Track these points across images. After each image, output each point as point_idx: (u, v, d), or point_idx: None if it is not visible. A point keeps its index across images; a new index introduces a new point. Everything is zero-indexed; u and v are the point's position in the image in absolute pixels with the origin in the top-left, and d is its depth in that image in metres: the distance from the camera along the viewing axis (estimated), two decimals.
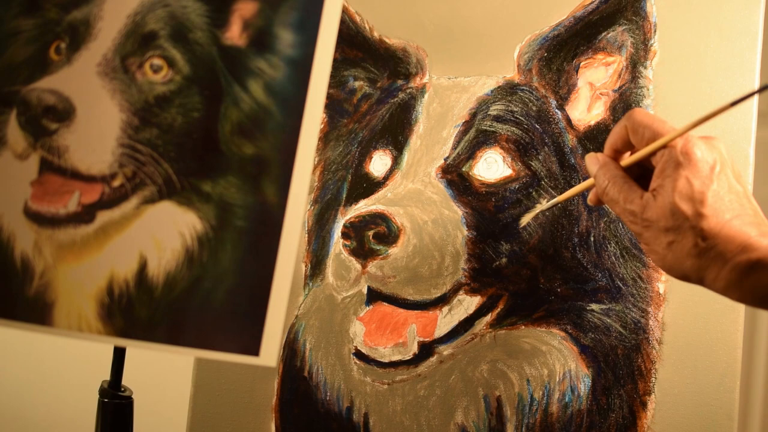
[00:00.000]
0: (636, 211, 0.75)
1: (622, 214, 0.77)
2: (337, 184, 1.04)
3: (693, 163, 0.72)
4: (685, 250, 0.72)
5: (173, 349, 0.72)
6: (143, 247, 0.73)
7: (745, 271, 0.69)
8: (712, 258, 0.71)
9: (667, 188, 0.72)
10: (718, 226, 0.71)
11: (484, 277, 0.95)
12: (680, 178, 0.72)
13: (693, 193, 0.71)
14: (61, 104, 0.73)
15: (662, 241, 0.73)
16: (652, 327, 0.90)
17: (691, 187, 0.72)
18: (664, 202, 0.72)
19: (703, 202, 0.71)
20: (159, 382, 1.39)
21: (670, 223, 0.72)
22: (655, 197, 0.74)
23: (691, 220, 0.71)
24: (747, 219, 0.71)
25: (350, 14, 1.06)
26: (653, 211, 0.73)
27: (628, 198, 0.76)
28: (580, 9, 0.96)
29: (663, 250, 0.73)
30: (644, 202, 0.74)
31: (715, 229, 0.71)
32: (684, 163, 0.72)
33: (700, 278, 0.72)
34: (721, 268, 0.70)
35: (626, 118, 0.78)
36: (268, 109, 0.74)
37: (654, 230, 0.74)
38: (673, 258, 0.73)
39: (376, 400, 0.98)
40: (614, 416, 0.90)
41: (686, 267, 0.72)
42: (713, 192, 0.72)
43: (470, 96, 0.99)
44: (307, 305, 1.03)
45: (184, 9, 0.76)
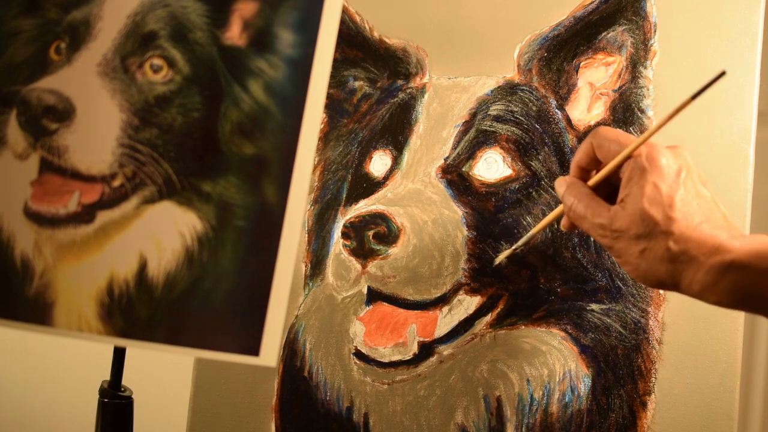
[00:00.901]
0: (605, 223, 0.75)
1: (591, 229, 0.77)
2: (337, 184, 1.04)
3: (659, 169, 0.72)
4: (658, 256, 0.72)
5: (173, 349, 0.72)
6: (143, 247, 0.73)
7: (720, 272, 0.69)
8: (685, 262, 0.71)
9: (636, 195, 0.72)
10: (689, 229, 0.71)
11: (484, 277, 0.95)
12: (647, 183, 0.72)
13: (661, 198, 0.71)
14: (61, 104, 0.73)
15: (634, 250, 0.73)
16: (652, 327, 0.90)
17: (659, 191, 0.72)
18: (633, 209, 0.72)
19: (672, 206, 0.71)
20: (159, 382, 1.39)
21: (640, 230, 0.72)
22: (623, 207, 0.74)
23: (662, 225, 0.71)
24: (716, 222, 0.71)
25: (350, 14, 1.06)
26: (623, 220, 0.73)
27: (595, 212, 0.76)
28: (580, 9, 0.96)
29: (636, 259, 0.73)
30: (612, 213, 0.74)
31: (686, 232, 0.71)
32: (650, 170, 0.72)
33: (675, 283, 0.72)
34: (696, 271, 0.70)
35: (591, 136, 0.78)
36: (268, 109, 0.74)
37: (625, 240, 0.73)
38: (647, 266, 0.73)
39: (376, 400, 0.98)
40: (614, 416, 0.90)
41: (660, 273, 0.72)
42: (681, 196, 0.72)
43: (470, 96, 0.99)
44: (307, 305, 1.03)
45: (184, 9, 0.76)
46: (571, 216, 0.79)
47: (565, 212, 0.80)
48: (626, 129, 0.93)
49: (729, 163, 0.90)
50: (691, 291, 0.72)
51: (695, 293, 0.72)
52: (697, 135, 0.91)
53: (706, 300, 0.71)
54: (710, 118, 0.91)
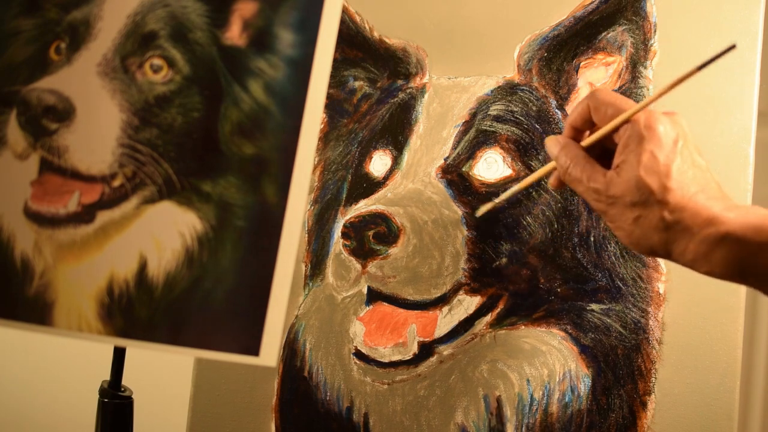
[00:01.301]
0: (600, 188, 0.75)
1: (585, 193, 0.77)
2: (337, 184, 1.04)
3: (656, 137, 0.72)
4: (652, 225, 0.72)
5: (173, 349, 0.72)
6: (143, 247, 0.73)
7: (713, 243, 0.70)
8: (679, 231, 0.71)
9: (632, 163, 0.73)
10: (684, 199, 0.71)
11: (484, 277, 0.95)
12: (644, 152, 0.72)
13: (658, 167, 0.72)
14: (61, 104, 0.73)
15: (628, 216, 0.73)
16: (652, 327, 0.90)
17: (656, 160, 0.72)
18: (629, 176, 0.72)
19: (669, 175, 0.71)
20: (159, 382, 1.39)
21: (636, 197, 0.72)
22: (619, 173, 0.74)
23: (657, 193, 0.71)
24: (711, 193, 0.72)
25: (350, 14, 1.06)
26: (618, 187, 0.73)
27: (591, 177, 0.76)
28: (580, 9, 0.96)
29: (629, 225, 0.74)
30: (608, 179, 0.74)
31: (681, 202, 0.71)
32: (648, 137, 0.72)
33: (668, 252, 0.73)
34: (689, 241, 0.71)
35: (588, 97, 0.78)
36: (268, 109, 0.74)
37: (619, 206, 0.74)
38: (640, 233, 0.73)
39: (376, 400, 0.98)
40: (614, 416, 0.90)
41: (653, 241, 0.73)
42: (677, 166, 0.72)
43: (470, 96, 0.99)
44: (307, 305, 1.03)
45: (184, 9, 0.76)
46: (566, 178, 0.79)
47: (560, 174, 0.79)
48: None
49: (729, 163, 0.90)
50: (683, 260, 0.72)
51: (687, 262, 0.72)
52: (697, 135, 0.91)
53: (698, 269, 0.72)
54: (710, 118, 0.91)
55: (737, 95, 0.90)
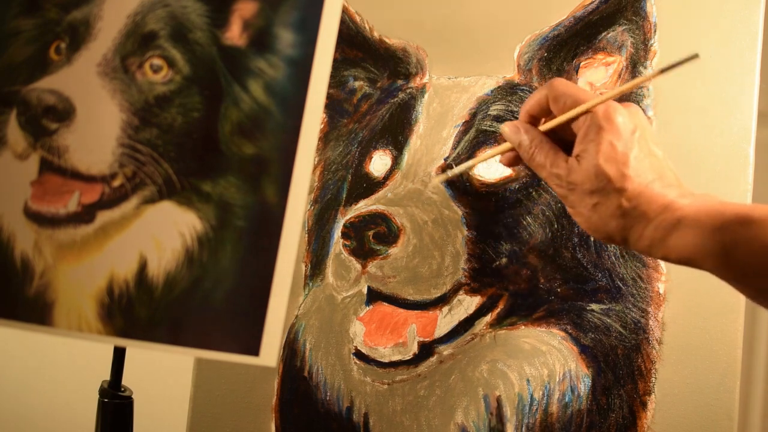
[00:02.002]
0: (561, 174, 0.77)
1: (548, 178, 0.79)
2: (337, 184, 1.04)
3: (615, 128, 0.75)
4: (610, 211, 0.75)
5: (173, 349, 0.72)
6: (143, 247, 0.73)
7: (668, 229, 0.72)
8: (635, 218, 0.74)
9: (591, 152, 0.75)
10: (641, 187, 0.74)
11: (484, 277, 0.95)
12: (603, 141, 0.74)
13: (616, 156, 0.74)
14: (61, 104, 0.73)
15: (587, 203, 0.76)
16: (652, 327, 0.90)
17: (615, 150, 0.74)
18: (588, 165, 0.75)
19: (626, 164, 0.74)
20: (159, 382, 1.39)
21: (594, 185, 0.75)
22: (579, 161, 0.76)
23: (615, 182, 0.74)
24: (667, 181, 0.75)
25: (350, 14, 1.06)
26: (578, 174, 0.76)
27: (554, 162, 0.78)
28: (580, 9, 0.96)
29: (588, 211, 0.76)
30: (569, 165, 0.77)
31: (637, 189, 0.73)
32: (606, 128, 0.75)
33: (624, 238, 0.75)
34: (645, 227, 0.73)
35: (547, 87, 0.80)
36: (268, 109, 0.74)
37: (579, 193, 0.76)
38: (598, 219, 0.76)
39: (376, 400, 0.98)
40: (614, 416, 0.90)
41: (610, 228, 0.75)
42: (635, 155, 0.74)
43: (470, 96, 0.99)
44: (307, 305, 1.03)
45: (184, 9, 0.76)
46: (530, 162, 0.81)
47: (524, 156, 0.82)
48: None
49: (729, 163, 0.90)
50: (640, 246, 0.75)
51: (643, 248, 0.74)
52: (697, 135, 0.91)
53: (654, 255, 0.74)
54: (710, 118, 0.91)
55: (737, 95, 0.90)
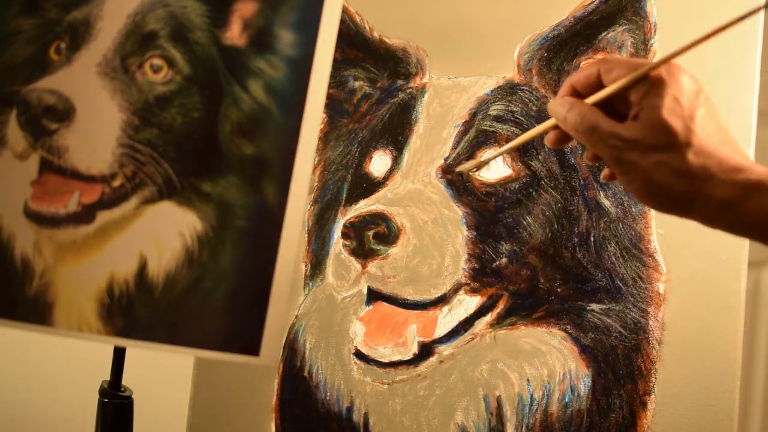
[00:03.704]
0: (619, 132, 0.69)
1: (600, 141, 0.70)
2: (337, 184, 1.04)
3: (679, 84, 0.68)
4: (674, 170, 0.67)
5: (173, 349, 0.72)
6: (143, 247, 0.73)
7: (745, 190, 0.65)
8: (704, 178, 0.67)
9: (653, 106, 0.67)
10: (710, 146, 0.67)
11: (484, 277, 0.95)
12: (667, 96, 0.67)
13: (682, 110, 0.67)
14: (61, 104, 0.73)
15: (649, 160, 0.68)
16: (652, 327, 0.90)
17: (679, 104, 0.67)
18: (650, 119, 0.67)
19: (693, 119, 0.67)
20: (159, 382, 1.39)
21: (658, 139, 0.67)
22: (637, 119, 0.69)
23: (681, 135, 0.67)
24: (735, 147, 0.68)
25: (350, 14, 1.06)
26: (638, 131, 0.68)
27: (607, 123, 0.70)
28: (580, 9, 0.96)
29: (647, 173, 0.68)
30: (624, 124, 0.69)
31: (706, 148, 0.67)
32: (669, 83, 0.68)
33: (689, 201, 0.68)
34: (716, 188, 0.66)
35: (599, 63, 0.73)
36: (268, 109, 0.74)
37: (639, 151, 0.68)
38: (661, 180, 0.68)
39: (376, 400, 0.98)
40: (614, 416, 0.90)
41: (674, 189, 0.68)
42: (701, 113, 0.68)
43: (470, 96, 0.99)
44: (307, 305, 1.03)
45: (184, 9, 0.76)
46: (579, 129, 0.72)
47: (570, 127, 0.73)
48: None
49: None
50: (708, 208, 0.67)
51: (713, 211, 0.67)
52: None
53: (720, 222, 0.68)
54: None
55: (737, 95, 0.90)
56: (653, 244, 0.92)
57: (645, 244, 0.92)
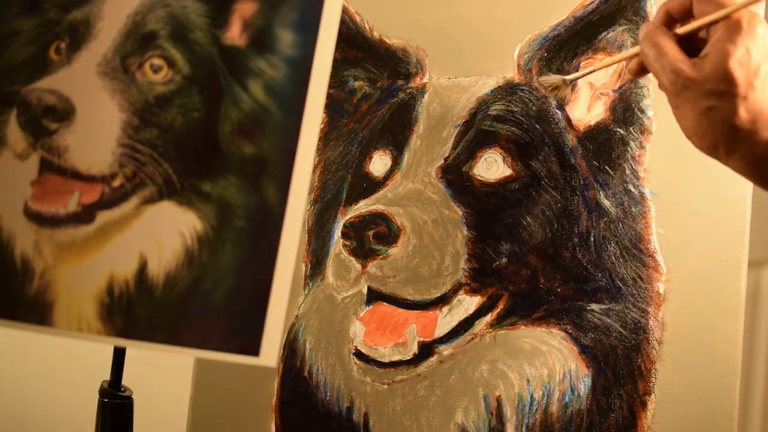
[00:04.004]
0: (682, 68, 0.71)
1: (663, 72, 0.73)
2: (337, 184, 1.04)
3: (755, 35, 0.70)
4: (724, 118, 0.70)
5: (173, 349, 0.72)
6: (143, 247, 0.73)
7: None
8: (749, 132, 0.70)
9: (724, 51, 0.70)
10: (764, 103, 0.70)
11: (484, 277, 0.95)
12: (740, 45, 0.70)
13: (750, 63, 0.69)
14: (61, 104, 0.73)
15: (701, 104, 0.71)
16: (652, 327, 0.90)
17: (750, 57, 0.70)
18: (716, 64, 0.70)
19: (757, 74, 0.70)
20: (159, 382, 1.39)
21: (716, 86, 0.70)
22: (704, 60, 0.71)
23: (741, 87, 0.69)
24: None
25: (350, 14, 1.06)
26: (701, 72, 0.71)
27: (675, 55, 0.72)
28: (580, 9, 0.96)
29: (699, 115, 0.71)
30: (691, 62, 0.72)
31: (760, 104, 0.69)
32: (747, 32, 0.70)
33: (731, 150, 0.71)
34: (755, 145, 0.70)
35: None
36: (268, 109, 0.74)
37: (695, 91, 0.71)
38: (708, 125, 0.71)
39: (376, 400, 0.98)
40: (614, 416, 0.90)
41: (719, 136, 0.71)
42: (765, 69, 0.70)
43: (470, 96, 0.99)
44: (307, 305, 1.03)
45: (184, 9, 0.76)
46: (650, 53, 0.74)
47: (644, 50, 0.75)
48: (626, 129, 0.93)
49: None
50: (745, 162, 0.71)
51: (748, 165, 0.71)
52: None
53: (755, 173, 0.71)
54: None
55: None
56: (653, 244, 0.92)
57: (645, 244, 0.92)
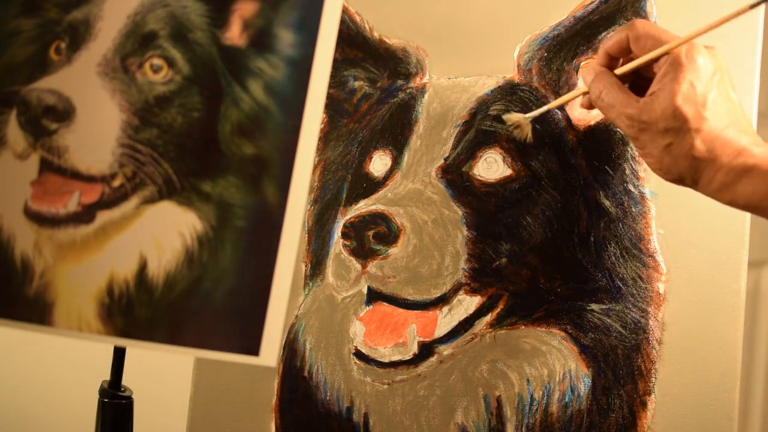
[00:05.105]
0: (633, 114, 0.77)
1: (618, 118, 0.79)
2: (337, 184, 1.04)
3: (696, 68, 0.75)
4: (683, 152, 0.74)
5: (173, 349, 0.72)
6: (143, 247, 0.73)
7: (739, 174, 0.73)
8: (708, 161, 0.74)
9: (670, 90, 0.74)
10: (717, 130, 0.74)
11: (484, 277, 0.95)
12: (684, 81, 0.74)
13: (695, 97, 0.74)
14: (61, 104, 0.73)
15: (660, 143, 0.75)
16: (652, 327, 0.90)
17: (694, 90, 0.74)
18: (665, 104, 0.74)
19: (705, 105, 0.74)
20: (159, 382, 1.39)
21: (670, 124, 0.74)
22: (654, 100, 0.75)
23: (692, 122, 0.74)
24: (741, 127, 0.75)
25: (350, 14, 1.06)
26: (652, 113, 0.75)
27: (624, 102, 0.78)
28: (580, 9, 0.96)
29: (660, 152, 0.76)
30: (642, 105, 0.76)
31: (713, 132, 0.74)
32: (688, 67, 0.75)
33: (695, 180, 0.76)
34: (717, 171, 0.74)
35: (628, 27, 0.80)
36: (268, 109, 0.74)
37: (652, 132, 0.76)
38: (671, 160, 0.76)
39: (376, 400, 0.98)
40: (614, 416, 0.90)
41: (682, 169, 0.75)
42: (713, 98, 0.74)
43: (470, 96, 0.99)
44: (307, 305, 1.03)
45: (184, 9, 0.76)
46: (598, 104, 0.81)
47: (593, 99, 0.82)
48: None
49: None
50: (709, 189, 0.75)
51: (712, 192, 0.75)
52: None
53: (721, 199, 0.75)
54: None
55: (737, 95, 0.90)
56: (653, 244, 0.92)
57: (645, 244, 0.92)
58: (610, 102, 0.79)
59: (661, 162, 0.76)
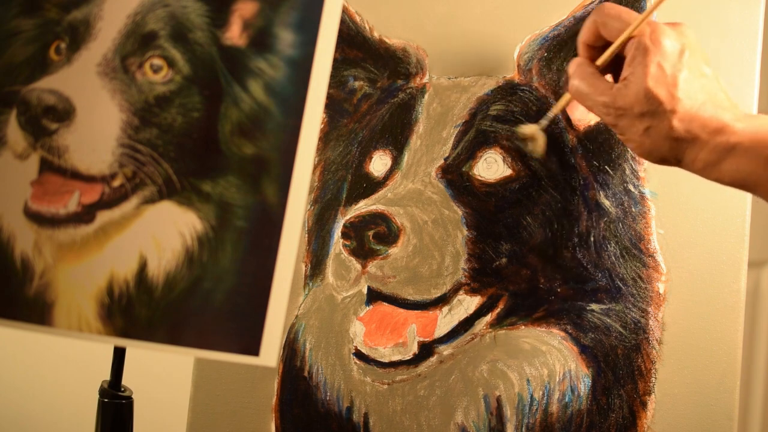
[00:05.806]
0: (608, 101, 0.76)
1: (594, 107, 0.78)
2: (337, 184, 1.04)
3: (662, 49, 0.74)
4: (662, 134, 0.74)
5: (173, 349, 0.72)
6: (143, 247, 0.73)
7: (722, 153, 0.72)
8: (689, 141, 0.73)
9: (639, 75, 0.74)
10: (693, 109, 0.73)
11: (484, 277, 0.95)
12: (651, 63, 0.73)
13: (665, 78, 0.73)
14: (61, 104, 0.73)
15: (638, 127, 0.75)
16: (652, 327, 0.90)
17: (663, 72, 0.73)
18: (637, 88, 0.74)
19: (676, 85, 0.73)
20: (159, 382, 1.39)
21: (645, 108, 0.74)
22: (626, 85, 0.75)
23: (666, 103, 0.73)
24: (719, 102, 0.74)
25: (350, 14, 1.06)
26: (626, 98, 0.75)
27: (597, 90, 0.77)
28: (580, 9, 0.96)
29: (640, 137, 0.75)
30: (615, 91, 0.76)
31: (690, 112, 0.73)
32: (653, 50, 0.74)
33: (678, 160, 0.75)
34: (699, 150, 0.73)
35: (594, 13, 0.79)
36: (268, 109, 0.74)
37: (629, 118, 0.75)
38: (651, 143, 0.75)
39: (376, 400, 0.98)
40: (614, 416, 0.90)
41: (664, 150, 0.75)
42: (684, 77, 0.74)
43: (470, 96, 0.99)
44: (307, 305, 1.03)
45: (184, 9, 0.76)
46: (576, 96, 0.80)
47: (571, 92, 0.81)
48: None
49: None
50: (694, 168, 0.75)
51: (697, 170, 0.74)
52: None
53: (707, 177, 0.74)
54: None
55: (737, 95, 0.90)
56: (653, 244, 0.92)
57: (645, 244, 0.92)
58: (585, 92, 0.78)
59: (642, 146, 0.76)
